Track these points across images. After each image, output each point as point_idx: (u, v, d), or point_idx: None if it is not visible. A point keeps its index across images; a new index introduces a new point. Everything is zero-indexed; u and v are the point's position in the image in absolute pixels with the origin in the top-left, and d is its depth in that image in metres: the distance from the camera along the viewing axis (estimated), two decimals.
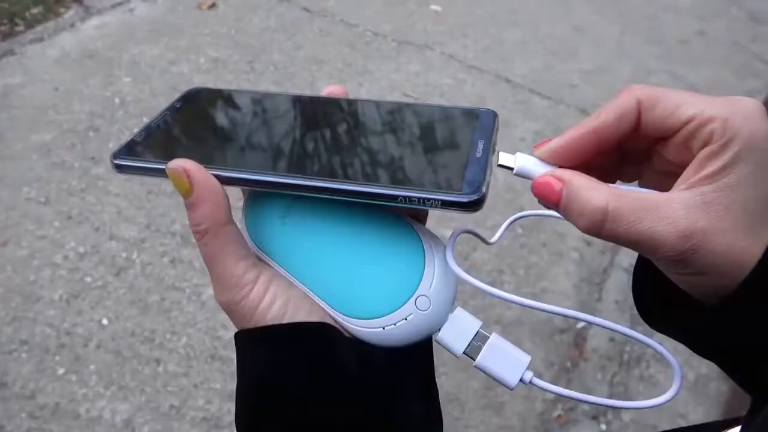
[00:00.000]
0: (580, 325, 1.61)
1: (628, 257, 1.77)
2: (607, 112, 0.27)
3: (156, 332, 1.42)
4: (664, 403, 0.28)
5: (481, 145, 0.30)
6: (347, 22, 2.61)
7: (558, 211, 0.27)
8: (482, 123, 0.32)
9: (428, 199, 0.27)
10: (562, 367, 1.52)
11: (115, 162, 0.31)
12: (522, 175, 0.29)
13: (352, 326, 0.30)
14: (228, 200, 0.29)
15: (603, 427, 1.42)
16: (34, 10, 2.36)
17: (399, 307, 0.29)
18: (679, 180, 0.26)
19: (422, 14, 2.79)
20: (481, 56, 2.57)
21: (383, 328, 0.29)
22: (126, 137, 0.31)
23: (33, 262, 1.51)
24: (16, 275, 1.48)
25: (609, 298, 1.69)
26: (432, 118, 0.33)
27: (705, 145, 0.25)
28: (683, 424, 1.43)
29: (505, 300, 0.28)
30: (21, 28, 2.27)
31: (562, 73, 2.56)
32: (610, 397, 1.47)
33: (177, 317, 1.45)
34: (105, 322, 1.42)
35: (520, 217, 0.36)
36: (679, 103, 0.26)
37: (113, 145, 1.84)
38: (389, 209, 0.31)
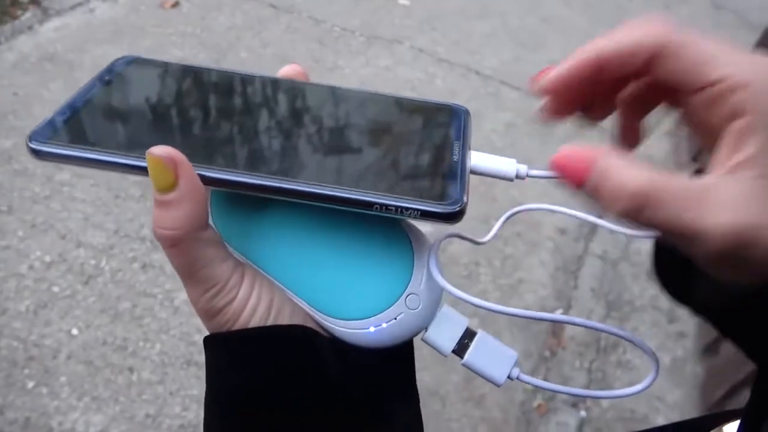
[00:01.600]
0: (558, 313, 1.62)
1: (601, 244, 1.79)
2: (619, 43, 0.23)
3: (128, 340, 1.38)
4: (641, 391, 0.27)
5: (457, 147, 0.28)
6: (315, 17, 2.58)
7: (582, 191, 0.24)
8: (456, 121, 0.30)
9: (406, 209, 0.25)
10: (541, 356, 1.53)
11: (32, 146, 0.25)
12: (478, 173, 0.28)
13: (337, 328, 0.28)
14: (207, 201, 0.26)
15: (583, 414, 1.43)
16: None
17: (389, 306, 0.27)
18: (714, 160, 0.23)
19: (390, 8, 2.77)
20: (450, 49, 2.56)
21: (371, 328, 0.28)
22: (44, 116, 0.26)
23: None
24: None
25: (585, 286, 1.70)
26: (405, 114, 0.31)
27: (733, 116, 0.22)
28: (661, 407, 1.45)
29: (484, 308, 0.27)
30: None
31: (532, 64, 2.57)
32: (589, 384, 1.48)
33: (150, 324, 1.42)
34: (75, 332, 1.38)
35: (515, 213, 0.33)
36: (706, 60, 0.23)
37: None
38: None
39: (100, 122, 0.27)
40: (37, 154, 0.25)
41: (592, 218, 0.32)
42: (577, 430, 1.40)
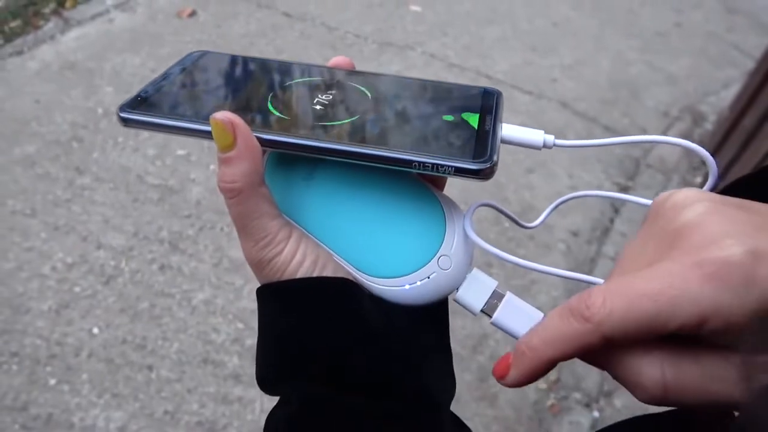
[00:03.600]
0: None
1: (614, 246, 1.79)
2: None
3: (147, 339, 1.41)
4: None
5: (489, 119, 0.31)
6: (327, 25, 2.62)
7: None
8: (489, 99, 0.34)
9: (442, 166, 0.28)
10: None
11: (122, 115, 0.31)
12: (508, 142, 0.31)
13: (375, 285, 0.31)
14: (263, 162, 0.29)
15: (596, 414, 1.43)
16: (13, 24, 2.34)
17: (422, 266, 0.30)
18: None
19: (402, 15, 2.80)
20: (461, 54, 2.59)
21: (407, 286, 0.30)
22: (132, 92, 0.32)
23: (21, 274, 1.50)
24: (4, 288, 1.47)
25: None
26: (443, 93, 0.34)
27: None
28: None
29: (520, 266, 0.30)
30: (0, 41, 2.25)
31: (543, 68, 2.59)
32: (602, 382, 1.49)
33: (168, 323, 1.45)
34: (96, 330, 1.41)
35: (564, 201, 0.35)
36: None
37: (97, 156, 1.84)
38: (409, 175, 0.32)
39: (175, 98, 0.32)
40: (125, 121, 0.31)
41: (637, 199, 0.34)
42: (589, 430, 1.41)
